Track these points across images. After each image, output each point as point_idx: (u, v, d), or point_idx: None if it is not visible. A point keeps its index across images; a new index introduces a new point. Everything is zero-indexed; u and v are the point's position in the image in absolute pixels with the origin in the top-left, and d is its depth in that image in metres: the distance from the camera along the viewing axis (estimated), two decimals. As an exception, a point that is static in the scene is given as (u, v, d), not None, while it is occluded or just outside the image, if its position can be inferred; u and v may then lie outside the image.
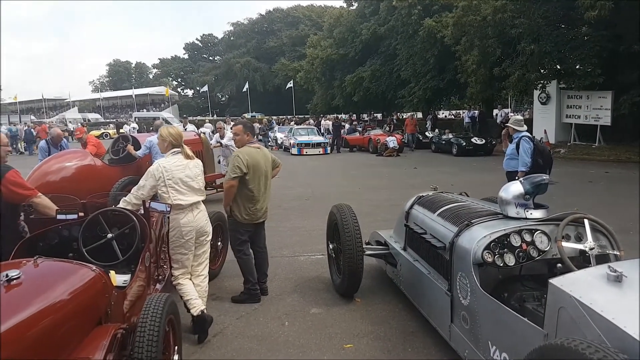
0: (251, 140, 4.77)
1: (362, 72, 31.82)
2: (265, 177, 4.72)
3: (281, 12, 65.54)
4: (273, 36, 62.74)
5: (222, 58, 70.77)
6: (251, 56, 62.82)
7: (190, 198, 3.99)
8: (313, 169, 16.51)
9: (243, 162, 4.48)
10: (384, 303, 4.62)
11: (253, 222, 4.71)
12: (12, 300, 2.43)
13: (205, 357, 3.71)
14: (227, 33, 72.97)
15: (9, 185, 3.68)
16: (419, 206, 4.54)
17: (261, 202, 4.69)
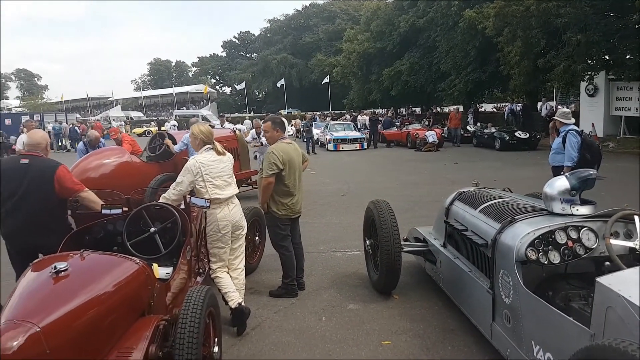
0: (282, 136, 4.78)
1: (400, 66, 31.38)
2: (299, 171, 4.78)
3: (317, 7, 65.48)
4: (309, 31, 62.77)
5: (259, 55, 71.39)
6: (287, 52, 63.08)
7: (226, 192, 4.09)
8: (349, 164, 16.45)
9: (279, 159, 4.50)
10: (422, 300, 4.55)
11: (290, 216, 4.75)
12: (60, 292, 2.54)
13: (244, 349, 3.77)
14: (263, 30, 73.61)
15: (60, 180, 3.82)
16: (459, 202, 4.44)
17: (297, 196, 4.74)
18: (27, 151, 3.94)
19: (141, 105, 76.47)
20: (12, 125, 28.66)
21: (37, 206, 3.76)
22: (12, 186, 3.74)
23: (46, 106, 62.94)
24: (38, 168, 3.80)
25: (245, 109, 66.40)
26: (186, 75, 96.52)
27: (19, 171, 3.76)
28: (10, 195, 3.74)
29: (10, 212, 3.75)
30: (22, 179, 3.74)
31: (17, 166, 3.80)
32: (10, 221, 3.77)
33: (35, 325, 2.20)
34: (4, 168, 3.85)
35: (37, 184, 3.76)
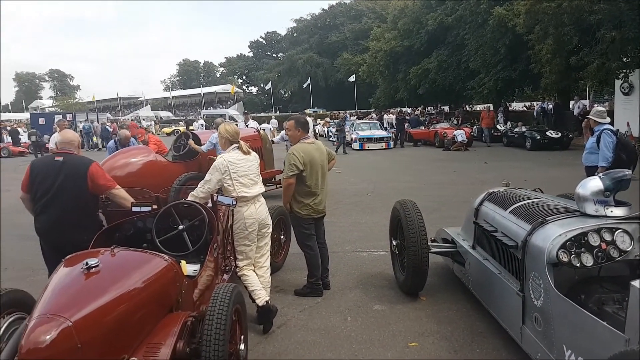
0: (304, 135, 4.78)
1: (427, 64, 31.04)
2: (322, 171, 4.74)
3: (344, 6, 65.34)
4: (336, 30, 62.65)
5: (285, 55, 71.66)
6: (313, 52, 63.15)
7: (253, 190, 4.15)
8: (375, 164, 16.36)
9: (299, 160, 4.52)
10: (450, 302, 4.49)
11: (313, 216, 4.74)
12: (91, 287, 2.59)
13: (270, 347, 3.78)
14: (290, 30, 73.86)
15: (93, 176, 3.92)
16: (489, 203, 4.35)
17: (320, 196, 4.72)
18: (60, 149, 4.05)
19: (170, 105, 77.84)
20: (46, 124, 29.50)
21: (71, 203, 3.86)
22: (47, 183, 3.86)
23: (78, 106, 64.73)
24: (72, 165, 3.91)
25: (271, 108, 66.81)
26: (214, 76, 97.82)
27: (54, 169, 3.87)
28: (45, 192, 3.86)
29: (45, 208, 3.87)
30: (56, 176, 3.85)
31: (52, 163, 3.91)
32: (44, 217, 3.88)
33: (67, 320, 2.26)
34: (40, 166, 3.98)
35: (72, 181, 3.86)
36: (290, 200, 4.68)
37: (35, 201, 3.94)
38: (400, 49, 34.24)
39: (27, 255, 6.47)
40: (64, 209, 3.86)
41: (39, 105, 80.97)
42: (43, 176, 3.90)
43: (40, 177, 3.90)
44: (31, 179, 3.93)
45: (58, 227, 3.88)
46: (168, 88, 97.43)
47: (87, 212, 3.99)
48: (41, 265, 5.63)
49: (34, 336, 2.18)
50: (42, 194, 3.88)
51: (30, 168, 3.97)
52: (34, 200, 3.95)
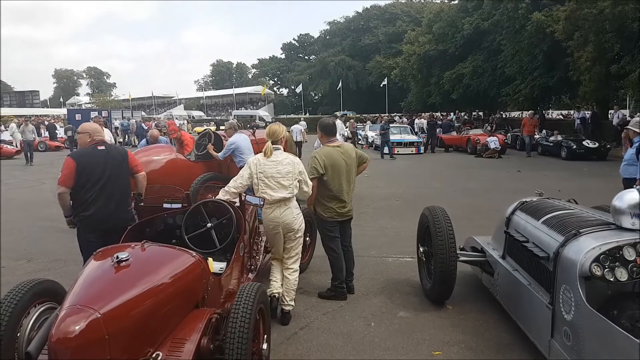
0: (329, 139, 4.80)
1: (462, 69, 30.58)
2: (348, 174, 4.71)
3: (378, 9, 65.00)
4: (369, 33, 62.40)
5: (317, 57, 71.87)
6: (346, 54, 63.07)
7: (277, 194, 4.12)
8: (404, 168, 16.21)
9: (320, 164, 4.54)
10: (477, 312, 4.40)
11: (336, 219, 4.72)
12: (121, 280, 2.65)
13: (292, 348, 3.79)
14: (323, 32, 74.03)
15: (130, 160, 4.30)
16: (521, 212, 4.25)
17: (343, 199, 4.69)
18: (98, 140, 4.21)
19: (202, 105, 79.11)
20: (82, 120, 30.25)
21: (120, 187, 4.19)
22: (97, 172, 4.06)
23: (114, 103, 66.37)
24: (115, 152, 4.29)
25: (301, 110, 67.09)
26: (246, 77, 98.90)
27: (101, 158, 4.11)
28: (97, 181, 4.05)
29: (98, 196, 4.06)
30: (105, 164, 4.10)
31: (97, 153, 4.12)
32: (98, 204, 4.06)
33: (97, 312, 2.31)
34: (85, 157, 4.12)
35: (117, 167, 4.17)
36: (313, 202, 4.71)
37: (85, 191, 4.05)
38: (435, 53, 33.86)
39: (58, 246, 6.71)
40: (115, 194, 4.14)
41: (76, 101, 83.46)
42: (94, 165, 4.07)
43: (91, 166, 4.06)
44: (78, 171, 4.01)
45: (111, 212, 4.11)
46: (201, 88, 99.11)
47: (128, 195, 4.34)
48: (71, 256, 5.83)
49: (64, 326, 2.24)
50: (93, 183, 4.04)
51: (75, 161, 4.04)
52: (83, 191, 4.05)
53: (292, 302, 4.26)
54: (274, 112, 65.47)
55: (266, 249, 5.06)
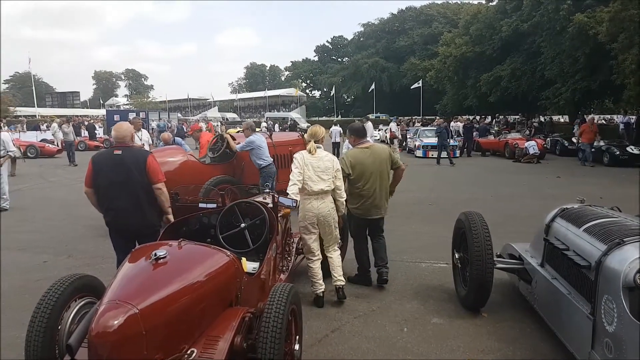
0: (359, 141, 5.14)
1: (500, 71, 29.96)
2: (379, 175, 4.99)
3: (414, 11, 64.40)
4: (404, 35, 61.86)
5: (350, 59, 71.73)
6: (380, 56, 62.69)
7: (317, 186, 4.53)
8: (439, 172, 15.98)
9: (346, 164, 4.93)
10: (513, 321, 4.28)
11: (365, 217, 5.04)
12: (158, 277, 2.71)
13: (323, 350, 3.78)
14: (357, 34, 73.89)
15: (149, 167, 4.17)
16: (561, 219, 4.11)
17: (372, 199, 4.96)
18: (117, 143, 4.28)
19: (236, 107, 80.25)
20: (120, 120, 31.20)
21: (135, 193, 4.13)
22: (111, 176, 4.12)
23: (151, 105, 68.00)
24: (132, 157, 4.17)
25: (333, 112, 67.11)
26: (279, 79, 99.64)
27: (115, 162, 4.14)
28: (110, 185, 4.13)
29: (113, 200, 4.14)
30: (119, 168, 4.11)
31: (112, 157, 4.18)
32: (113, 208, 4.16)
33: (135, 307, 2.36)
34: (102, 160, 4.23)
35: (133, 171, 4.12)
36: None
37: (101, 194, 4.19)
38: (472, 55, 33.32)
39: (96, 244, 6.93)
40: (130, 197, 4.13)
41: (114, 102, 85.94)
42: (106, 169, 4.15)
43: (104, 170, 4.16)
44: (94, 173, 4.18)
45: (128, 215, 4.14)
46: (235, 90, 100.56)
47: (149, 201, 4.23)
48: (109, 253, 5.99)
49: (103, 320, 2.29)
50: (108, 186, 4.14)
51: (92, 163, 4.22)
52: (98, 193, 4.20)
53: (341, 277, 4.74)
54: (306, 115, 65.70)
55: (298, 250, 5.12)
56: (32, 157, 21.13)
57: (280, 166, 8.80)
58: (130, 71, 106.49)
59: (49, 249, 6.85)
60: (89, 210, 8.16)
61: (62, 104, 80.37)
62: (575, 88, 23.61)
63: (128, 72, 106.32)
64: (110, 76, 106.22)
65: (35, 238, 7.48)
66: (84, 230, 7.89)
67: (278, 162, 8.75)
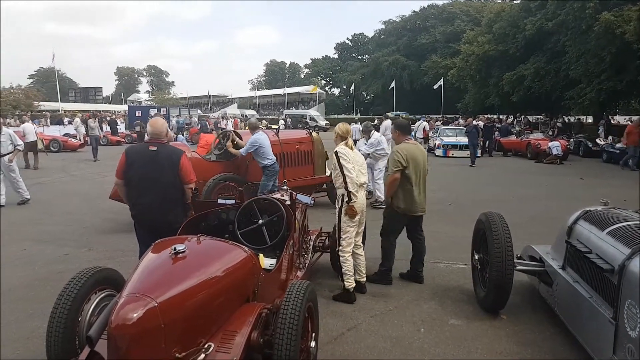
0: (406, 137, 5.22)
1: (523, 70, 29.46)
2: (423, 171, 5.11)
3: (436, 9, 63.75)
4: (425, 33, 61.25)
5: (371, 57, 71.38)
6: (400, 54, 62.19)
7: (362, 178, 4.73)
8: (459, 172, 15.80)
9: (402, 157, 4.93)
10: (533, 324, 4.21)
11: (409, 214, 5.07)
12: (178, 271, 2.73)
13: (339, 349, 3.77)
14: (377, 31, 73.48)
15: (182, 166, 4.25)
16: (584, 222, 4.03)
17: (419, 194, 5.06)
18: (152, 139, 4.34)
19: (255, 104, 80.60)
20: (142, 116, 31.52)
21: (166, 189, 4.20)
22: (143, 171, 4.19)
23: (172, 101, 68.54)
24: (166, 154, 4.24)
25: (352, 110, 66.88)
26: (298, 77, 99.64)
27: (149, 157, 4.20)
28: (142, 179, 4.19)
29: (143, 194, 4.21)
30: (152, 164, 4.18)
31: (147, 153, 4.24)
32: (142, 202, 4.24)
33: (154, 300, 2.39)
34: (135, 154, 4.30)
35: (166, 169, 4.19)
36: (392, 195, 5.05)
37: (131, 187, 4.27)
38: (494, 54, 32.83)
39: (117, 237, 7.04)
40: (159, 194, 4.19)
41: (136, 98, 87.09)
42: (139, 164, 4.22)
43: (137, 164, 4.23)
44: (127, 165, 4.25)
45: (154, 211, 4.21)
46: (254, 88, 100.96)
47: (177, 198, 4.30)
48: (129, 247, 6.10)
49: (122, 313, 2.32)
50: (138, 181, 4.22)
51: (126, 156, 4.29)
52: (129, 186, 4.28)
53: (364, 273, 4.92)
54: (325, 112, 65.62)
55: (315, 247, 5.13)
56: (55, 151, 21.58)
57: (288, 164, 8.69)
58: (152, 67, 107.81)
59: (70, 241, 6.99)
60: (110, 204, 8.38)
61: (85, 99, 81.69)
62: (600, 88, 23.07)
63: (150, 68, 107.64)
64: (132, 72, 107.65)
65: (58, 230, 7.63)
66: (105, 223, 8.02)
67: (285, 160, 8.64)
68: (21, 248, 6.58)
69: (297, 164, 9.06)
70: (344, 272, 4.67)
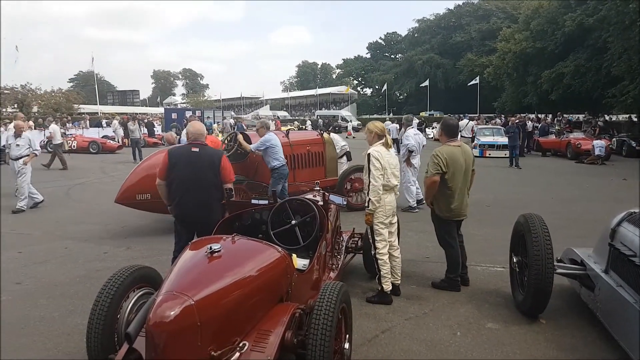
0: (451, 139, 5.01)
1: (562, 68, 28.64)
2: (465, 174, 4.91)
3: (471, 6, 62.62)
4: (460, 31, 60.20)
5: (404, 56, 70.66)
6: (435, 52, 61.34)
7: (394, 181, 4.64)
8: (496, 172, 15.43)
9: (442, 161, 4.76)
10: (574, 329, 4.07)
11: (454, 218, 4.97)
12: (213, 270, 2.77)
13: (373, 351, 3.73)
14: (411, 30, 72.69)
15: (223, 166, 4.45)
16: (629, 224, 3.86)
17: (459, 199, 4.89)
18: (193, 140, 4.52)
19: (287, 105, 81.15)
20: (177, 119, 32.18)
21: (205, 189, 4.37)
22: (186, 171, 4.37)
23: (206, 103, 69.73)
24: (208, 156, 4.44)
25: (384, 110, 66.37)
26: (330, 77, 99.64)
27: (191, 158, 4.39)
28: (185, 179, 4.37)
29: (185, 194, 4.38)
30: (194, 165, 4.37)
31: (190, 154, 4.43)
32: (183, 202, 4.41)
33: (190, 299, 2.42)
34: (178, 155, 4.48)
35: (203, 170, 4.37)
36: (432, 198, 4.96)
37: (173, 187, 4.42)
38: (532, 51, 32.05)
39: (154, 237, 7.23)
40: (201, 194, 4.37)
41: (171, 101, 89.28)
42: (182, 164, 4.39)
43: (180, 165, 4.39)
44: (170, 166, 4.43)
45: (197, 210, 4.38)
46: (286, 89, 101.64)
47: (217, 198, 4.46)
48: (165, 246, 6.27)
49: (160, 310, 2.37)
50: (181, 181, 4.38)
51: (169, 157, 4.47)
52: (170, 187, 4.43)
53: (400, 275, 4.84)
54: (357, 112, 65.41)
55: (348, 249, 5.10)
56: (94, 153, 22.33)
57: (298, 166, 8.54)
58: (187, 71, 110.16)
59: (109, 240, 7.20)
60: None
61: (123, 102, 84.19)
62: (644, 85, 22.16)
63: (185, 71, 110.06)
64: (168, 75, 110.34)
65: (97, 229, 7.88)
66: (142, 223, 8.22)
67: (295, 162, 8.49)
68: (63, 246, 6.82)
69: (308, 166, 8.90)
70: (382, 274, 4.61)
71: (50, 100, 39.89)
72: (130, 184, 7.39)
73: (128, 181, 7.45)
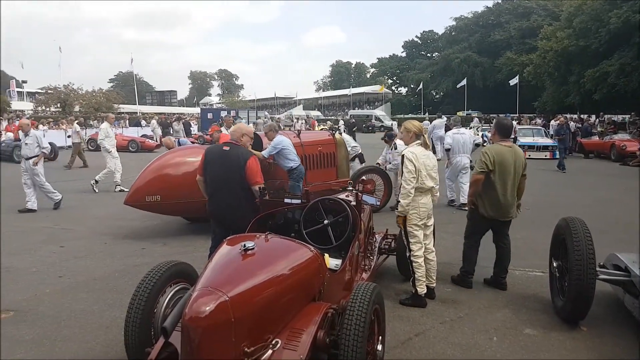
0: (503, 139, 4.93)
1: (607, 67, 27.59)
2: (514, 176, 4.79)
3: (511, 3, 61.15)
4: (499, 29, 58.87)
5: (441, 54, 69.64)
6: (472, 51, 60.22)
7: (430, 183, 4.50)
8: (537, 174, 14.95)
9: (489, 159, 4.72)
10: (617, 337, 3.91)
11: (495, 218, 4.87)
12: (247, 268, 2.79)
13: (406, 353, 3.69)
14: (448, 28, 71.59)
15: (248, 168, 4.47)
16: (679, 229, 3.67)
17: (505, 200, 4.77)
18: (230, 140, 4.71)
19: (320, 105, 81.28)
20: (213, 119, 32.64)
21: (235, 188, 4.48)
22: (215, 169, 4.53)
23: (241, 103, 70.76)
24: (235, 155, 4.51)
25: (419, 109, 65.55)
26: (364, 76, 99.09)
27: (222, 157, 4.53)
28: (215, 177, 4.53)
29: (215, 191, 4.55)
30: (222, 163, 4.50)
31: (221, 152, 4.58)
32: (214, 199, 4.57)
33: (225, 295, 2.45)
34: (211, 153, 4.66)
35: (230, 169, 4.47)
36: (475, 195, 4.90)
37: (207, 184, 4.62)
38: (575, 49, 31.02)
39: (189, 234, 7.39)
40: (229, 192, 4.48)
41: (207, 101, 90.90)
42: (214, 163, 4.56)
43: (212, 163, 4.57)
44: (205, 163, 4.63)
45: (224, 208, 4.52)
46: (320, 88, 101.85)
47: (247, 197, 4.53)
48: (200, 243, 6.36)
49: (196, 305, 2.40)
50: (212, 178, 4.56)
51: (205, 154, 4.67)
52: (206, 183, 4.63)
53: (435, 278, 4.75)
54: (391, 112, 64.83)
55: (381, 250, 5.05)
56: (133, 151, 23.04)
57: (309, 167, 8.36)
58: (223, 71, 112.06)
59: (146, 236, 7.38)
60: (184, 201, 8.76)
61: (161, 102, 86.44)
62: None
63: (221, 72, 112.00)
64: (204, 76, 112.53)
65: (135, 226, 8.09)
66: (178, 220, 8.39)
67: (307, 163, 8.27)
68: (103, 242, 7.04)
69: (319, 167, 8.73)
70: (416, 277, 4.54)
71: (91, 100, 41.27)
72: (139, 185, 7.22)
73: (137, 183, 7.29)
